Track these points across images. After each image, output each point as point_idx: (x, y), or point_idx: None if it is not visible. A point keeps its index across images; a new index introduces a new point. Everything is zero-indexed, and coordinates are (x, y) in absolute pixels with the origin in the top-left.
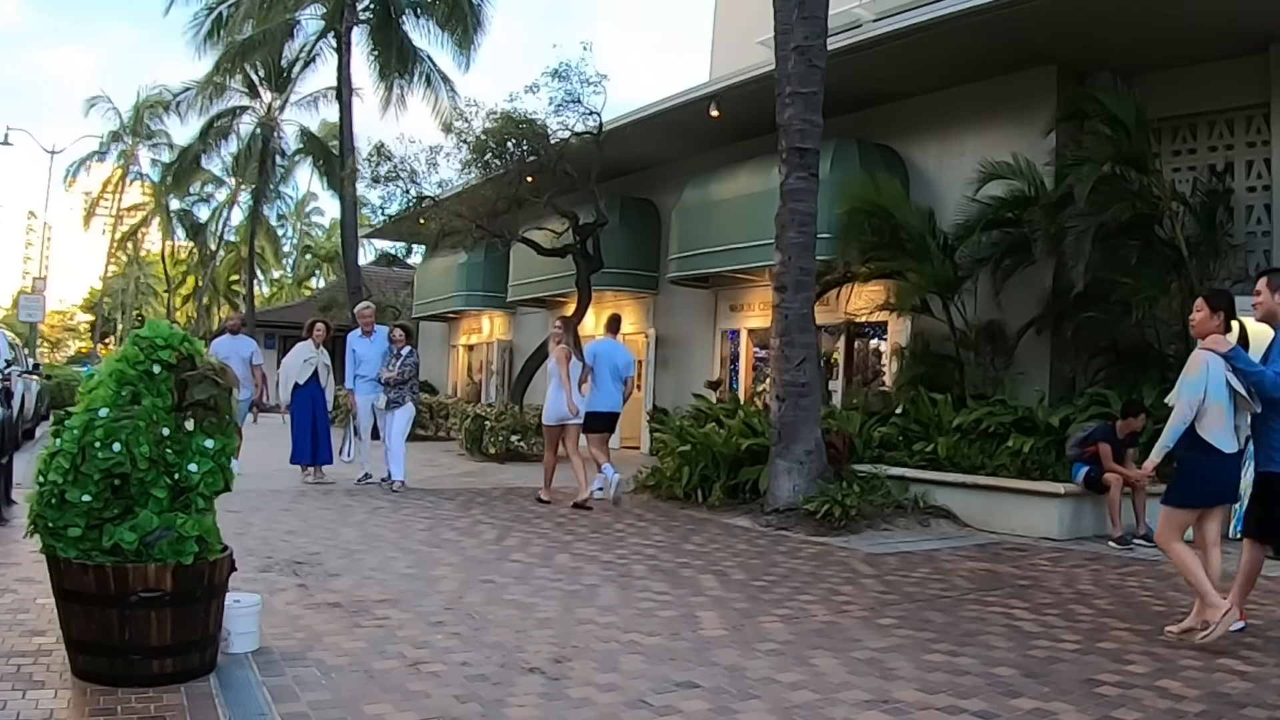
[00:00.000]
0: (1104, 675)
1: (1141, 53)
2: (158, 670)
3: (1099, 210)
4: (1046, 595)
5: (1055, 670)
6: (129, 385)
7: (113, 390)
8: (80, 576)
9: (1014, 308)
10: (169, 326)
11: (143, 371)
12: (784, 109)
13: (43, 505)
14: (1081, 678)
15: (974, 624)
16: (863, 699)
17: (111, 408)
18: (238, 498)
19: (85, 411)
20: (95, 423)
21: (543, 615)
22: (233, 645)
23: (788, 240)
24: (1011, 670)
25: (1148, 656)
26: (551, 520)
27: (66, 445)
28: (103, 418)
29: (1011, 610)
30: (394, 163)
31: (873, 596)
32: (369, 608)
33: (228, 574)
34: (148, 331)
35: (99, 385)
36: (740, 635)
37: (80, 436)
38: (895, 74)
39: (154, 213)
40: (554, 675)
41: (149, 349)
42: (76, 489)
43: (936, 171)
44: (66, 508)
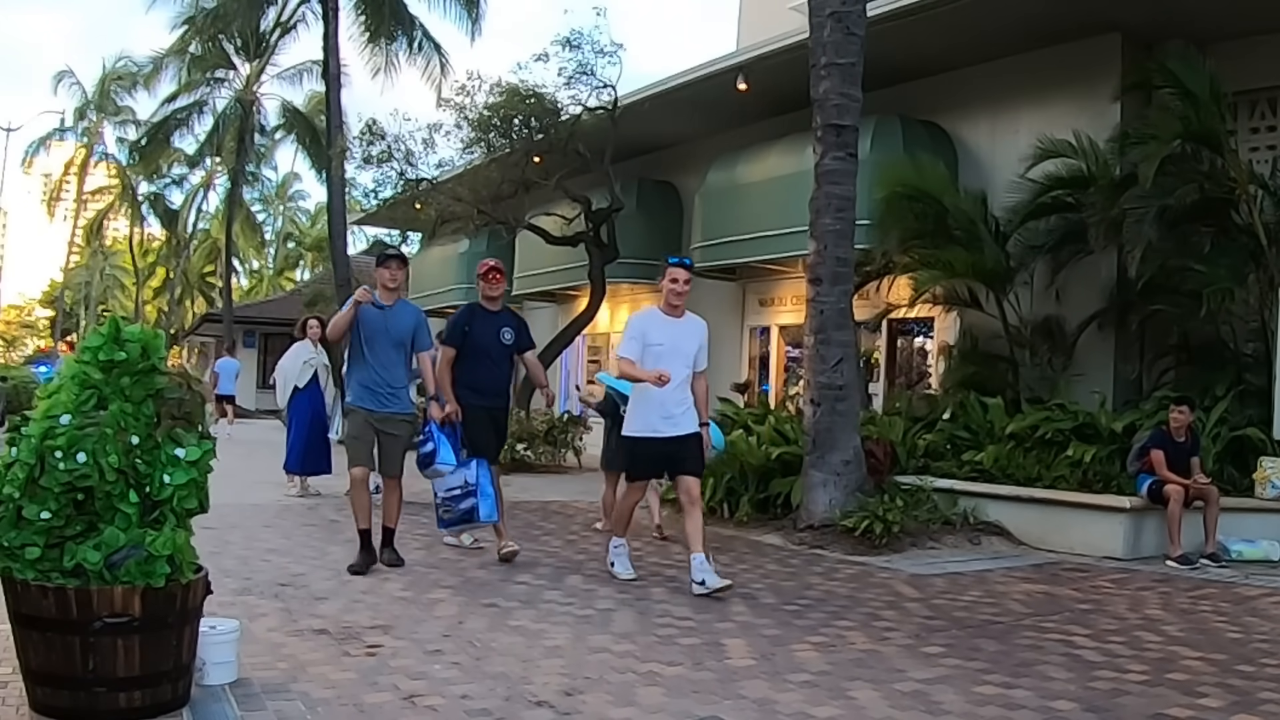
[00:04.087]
0: (1174, 710)
1: (1216, 19)
2: (125, 704)
3: (1164, 193)
4: (1110, 621)
5: (1120, 704)
6: (92, 389)
7: (75, 394)
8: (39, 600)
9: (1073, 301)
10: (140, 328)
11: (110, 376)
12: (819, 82)
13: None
14: (1149, 712)
15: (1030, 653)
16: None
17: (74, 414)
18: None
19: (44, 418)
20: (56, 430)
21: (551, 643)
22: (208, 676)
23: (823, 227)
24: (1071, 704)
25: (1222, 689)
26: (561, 538)
27: (23, 456)
28: (65, 425)
29: (1071, 637)
30: (387, 142)
31: (917, 622)
32: (359, 634)
33: (202, 597)
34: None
35: (59, 389)
36: (770, 665)
37: (39, 446)
38: (942, 43)
39: (121, 197)
40: (564, 710)
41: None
42: (35, 504)
43: (988, 151)
44: (23, 525)
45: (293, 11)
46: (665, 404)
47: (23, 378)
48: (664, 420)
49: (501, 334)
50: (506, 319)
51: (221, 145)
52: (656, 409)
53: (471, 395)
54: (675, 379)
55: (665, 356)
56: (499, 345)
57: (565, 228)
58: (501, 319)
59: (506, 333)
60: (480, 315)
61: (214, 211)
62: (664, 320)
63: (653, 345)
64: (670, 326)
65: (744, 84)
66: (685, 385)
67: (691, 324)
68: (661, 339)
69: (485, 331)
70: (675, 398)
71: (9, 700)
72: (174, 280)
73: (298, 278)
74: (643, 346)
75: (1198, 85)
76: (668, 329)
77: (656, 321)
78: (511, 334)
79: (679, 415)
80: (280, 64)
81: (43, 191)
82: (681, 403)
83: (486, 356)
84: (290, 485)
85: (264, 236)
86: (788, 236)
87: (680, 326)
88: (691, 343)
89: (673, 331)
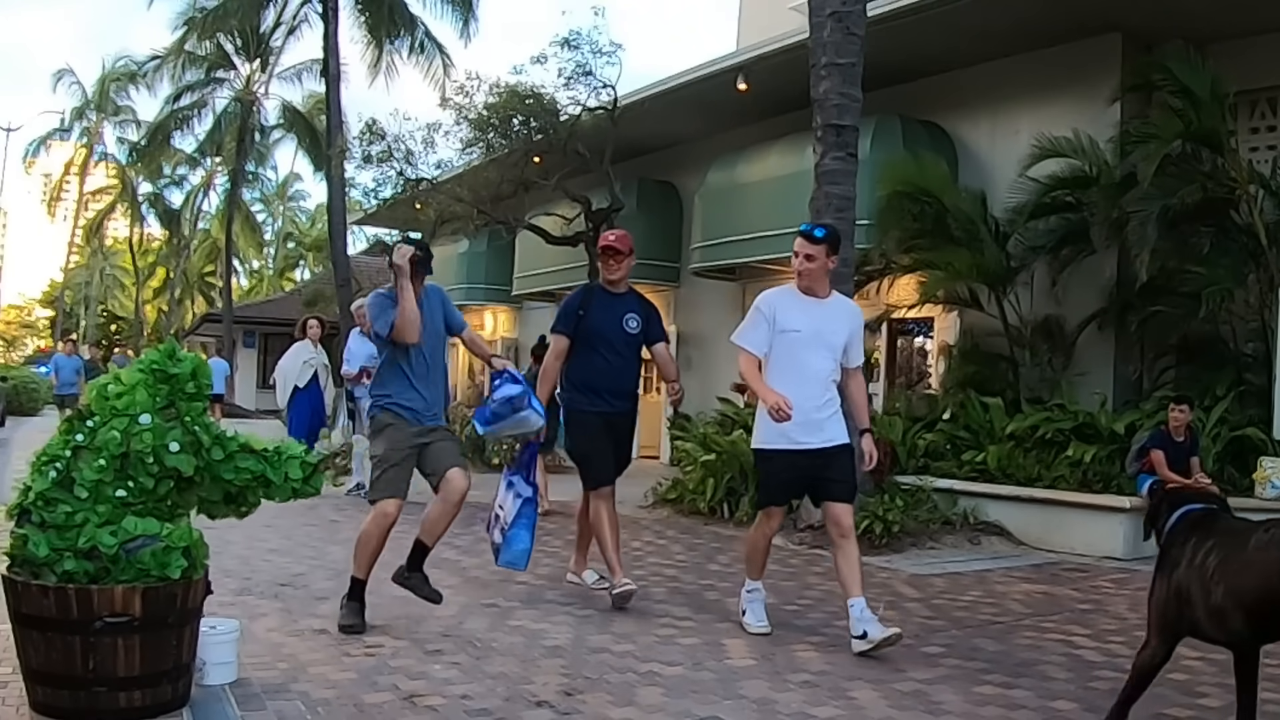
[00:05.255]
0: (1174, 710)
1: (1216, 19)
2: (125, 704)
3: (1166, 193)
4: (1110, 621)
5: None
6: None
7: (149, 395)
8: (39, 600)
9: (1073, 301)
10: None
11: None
12: (819, 82)
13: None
14: (1149, 712)
15: (1030, 653)
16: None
17: (153, 414)
18: None
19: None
20: (139, 430)
21: (551, 643)
22: (208, 676)
23: None
24: (1072, 704)
25: (1221, 689)
26: (561, 539)
27: (111, 447)
28: (146, 424)
29: (1071, 637)
30: (387, 141)
31: (917, 622)
32: (359, 634)
33: (203, 597)
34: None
35: (127, 392)
36: (770, 665)
37: (120, 446)
38: (943, 43)
39: (121, 197)
40: (564, 709)
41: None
42: (112, 485)
43: (988, 151)
44: (100, 499)
45: (293, 12)
46: (804, 406)
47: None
48: (802, 428)
49: (626, 321)
50: (632, 303)
51: (221, 145)
52: (795, 411)
53: (583, 398)
54: (818, 374)
55: (803, 346)
56: (623, 335)
57: (565, 228)
58: (626, 303)
59: (631, 320)
60: (600, 297)
61: (214, 211)
62: (802, 301)
63: (787, 331)
64: (812, 309)
65: (744, 84)
66: (829, 383)
67: (840, 306)
68: (799, 324)
69: (605, 317)
70: (817, 398)
71: (9, 700)
72: (174, 280)
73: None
74: (771, 333)
75: (1198, 85)
76: (808, 311)
77: (792, 301)
78: (638, 322)
79: (823, 421)
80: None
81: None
82: (826, 405)
83: (606, 348)
84: None
85: (264, 236)
86: (788, 236)
87: (824, 309)
88: (839, 329)
89: (815, 315)
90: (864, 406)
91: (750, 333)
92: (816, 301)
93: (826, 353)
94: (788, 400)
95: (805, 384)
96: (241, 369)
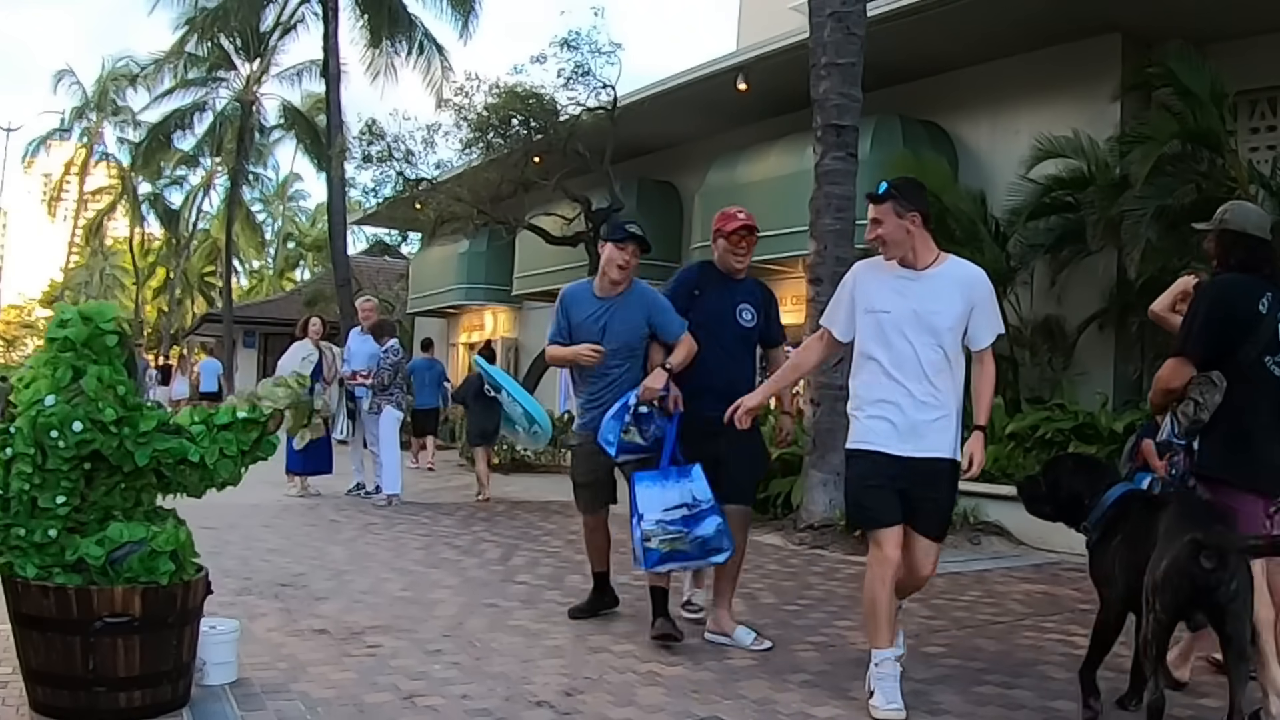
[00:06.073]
0: (1174, 710)
1: (1216, 19)
2: (125, 704)
3: (1164, 193)
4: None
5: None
6: (66, 367)
7: (50, 376)
8: (39, 600)
9: (1073, 301)
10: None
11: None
12: (819, 82)
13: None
14: None
15: (1030, 653)
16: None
17: (57, 393)
18: (212, 512)
19: (29, 407)
20: (45, 413)
21: (552, 643)
22: (208, 676)
23: (823, 227)
24: (1072, 704)
25: (1222, 689)
26: (561, 538)
27: (21, 448)
28: (51, 405)
29: (1072, 637)
30: (387, 141)
31: (917, 623)
32: (359, 634)
33: (202, 597)
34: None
35: (34, 379)
36: (770, 665)
37: (32, 433)
38: (943, 43)
39: (121, 197)
40: (564, 709)
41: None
42: (49, 492)
43: (988, 150)
44: (40, 514)
45: (293, 11)
46: (900, 402)
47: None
48: (894, 432)
49: (739, 312)
50: (749, 292)
51: (221, 145)
52: (887, 409)
53: (685, 397)
54: (916, 364)
55: (894, 331)
56: (735, 327)
57: (565, 228)
58: (742, 290)
59: (745, 311)
60: (714, 279)
61: (214, 211)
62: (894, 273)
63: (874, 312)
64: (906, 285)
65: (744, 84)
66: (936, 375)
67: (946, 276)
68: (887, 302)
69: (717, 304)
70: (916, 394)
71: (9, 700)
72: (174, 280)
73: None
74: (853, 313)
75: (1198, 85)
76: (900, 287)
77: (880, 275)
78: (753, 315)
79: (924, 425)
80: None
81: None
82: (927, 405)
83: (714, 341)
84: (290, 485)
85: (264, 236)
86: (788, 236)
87: (923, 283)
88: (944, 307)
89: (910, 291)
90: (986, 401)
91: (830, 310)
92: (912, 274)
93: (928, 337)
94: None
95: (898, 378)
96: (241, 369)
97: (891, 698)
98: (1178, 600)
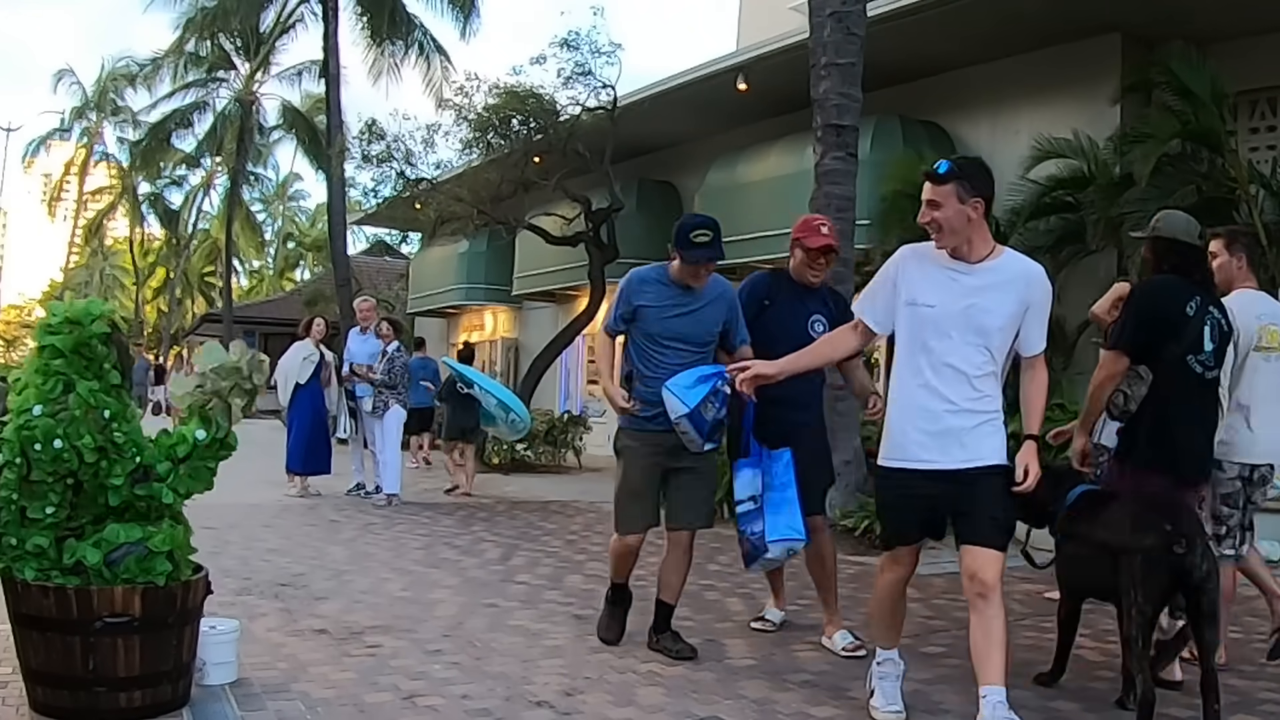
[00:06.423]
0: (1174, 710)
1: (1216, 19)
2: (125, 704)
3: (1164, 193)
4: (1110, 621)
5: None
6: (57, 375)
7: (39, 384)
8: (39, 600)
9: (1073, 301)
10: (83, 300)
11: (72, 358)
12: (819, 82)
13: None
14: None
15: (1030, 653)
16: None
17: (44, 403)
18: (212, 512)
19: (18, 415)
20: (31, 423)
21: (551, 643)
22: (208, 676)
23: None
24: (1072, 704)
25: (1222, 689)
26: (561, 538)
27: (8, 456)
28: (37, 416)
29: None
30: (387, 141)
31: (918, 623)
32: (359, 634)
33: (202, 597)
34: (61, 314)
35: (25, 386)
36: (770, 665)
37: (19, 443)
38: (943, 43)
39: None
40: (564, 709)
41: (74, 330)
42: (36, 502)
43: (988, 150)
44: (30, 524)
45: (292, 11)
46: (934, 410)
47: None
48: (929, 440)
49: (811, 325)
50: (821, 304)
51: (221, 145)
52: (917, 417)
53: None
54: (958, 366)
55: (936, 328)
56: (807, 340)
57: (565, 228)
58: (816, 300)
59: (818, 324)
60: (786, 289)
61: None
62: (945, 265)
63: (916, 305)
64: (956, 278)
65: (744, 84)
66: (981, 379)
67: (1002, 271)
68: (932, 295)
69: (789, 317)
70: (956, 400)
71: (9, 700)
72: (174, 280)
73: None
74: (892, 302)
75: (1198, 85)
76: (948, 281)
77: (928, 266)
78: (825, 328)
79: (964, 433)
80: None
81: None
82: (969, 411)
83: (786, 351)
84: (290, 485)
85: (264, 236)
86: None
87: (976, 277)
88: (996, 305)
89: (959, 286)
90: (1037, 410)
91: (866, 296)
92: (964, 267)
93: (973, 337)
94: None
95: (938, 382)
96: None
97: (892, 699)
98: (1160, 588)
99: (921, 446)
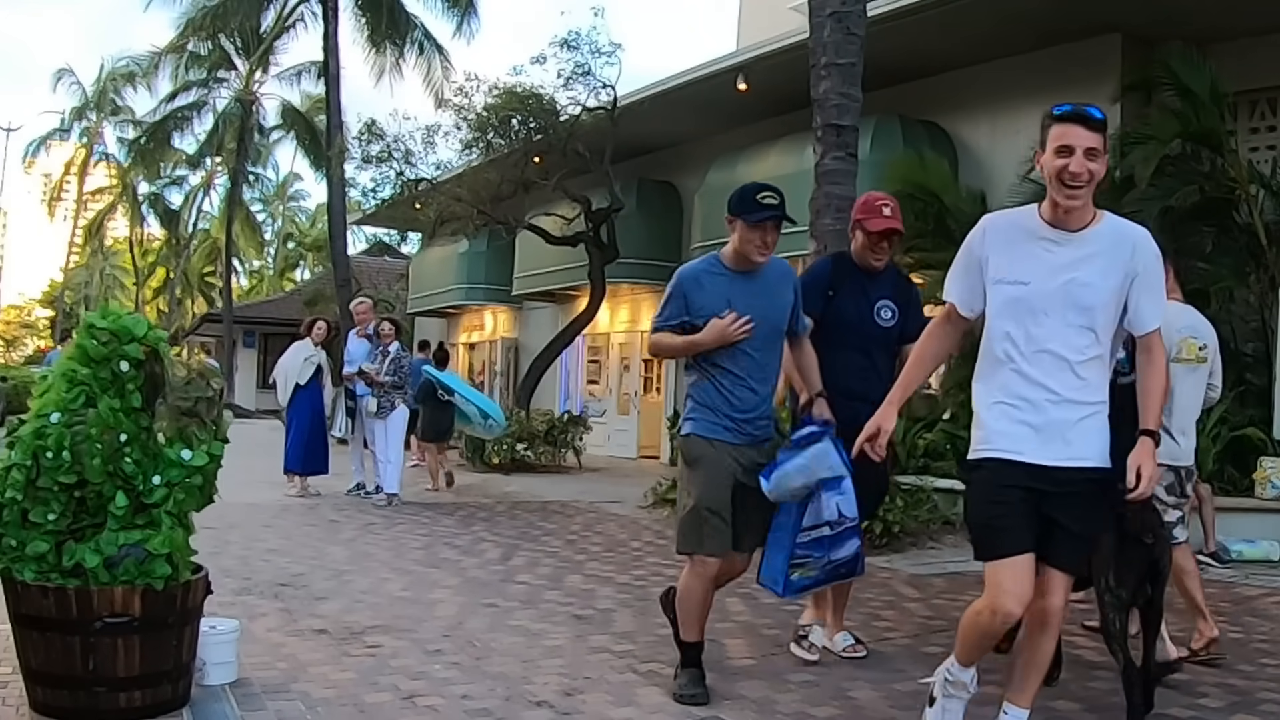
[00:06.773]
0: (1174, 710)
1: (1216, 19)
2: (125, 704)
3: (1165, 194)
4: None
5: (1120, 704)
6: (81, 386)
7: (63, 393)
8: (39, 600)
9: None
10: (133, 315)
11: (98, 370)
12: (819, 82)
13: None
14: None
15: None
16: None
17: (63, 412)
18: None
19: (36, 418)
20: (46, 430)
21: (551, 643)
22: (208, 676)
23: (823, 227)
24: (1072, 704)
25: (1222, 689)
26: (561, 538)
27: (19, 458)
28: (54, 424)
29: (1071, 637)
30: (387, 142)
31: (917, 622)
32: (359, 634)
33: (202, 597)
34: (106, 322)
35: (50, 388)
36: (770, 665)
37: (32, 446)
38: (943, 43)
39: (121, 197)
40: (564, 710)
41: (110, 343)
42: (40, 506)
43: (988, 150)
44: (30, 527)
45: (292, 11)
46: (1034, 400)
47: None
48: (1031, 434)
49: (878, 311)
50: (889, 287)
51: (221, 145)
52: (1020, 407)
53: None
54: (1059, 351)
55: (1029, 308)
56: (874, 328)
57: (565, 228)
58: (882, 284)
59: (885, 309)
60: (849, 274)
61: (214, 211)
62: (1041, 235)
63: (1006, 283)
64: (1055, 250)
65: (744, 84)
66: (1085, 365)
67: (1103, 239)
68: (1026, 271)
69: (854, 305)
70: (1057, 388)
71: (9, 700)
72: (174, 280)
73: (298, 278)
74: (978, 279)
75: (1198, 85)
76: (1045, 255)
77: (1021, 236)
78: (893, 312)
79: (1067, 426)
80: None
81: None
82: (1072, 401)
83: (851, 340)
84: (290, 485)
85: (264, 236)
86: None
87: (1076, 248)
88: (1098, 279)
89: (1058, 259)
90: (1156, 399)
91: (951, 278)
92: (1062, 235)
93: (1075, 316)
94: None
95: (1035, 369)
96: (241, 369)
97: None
98: (1139, 577)
99: (1021, 440)
